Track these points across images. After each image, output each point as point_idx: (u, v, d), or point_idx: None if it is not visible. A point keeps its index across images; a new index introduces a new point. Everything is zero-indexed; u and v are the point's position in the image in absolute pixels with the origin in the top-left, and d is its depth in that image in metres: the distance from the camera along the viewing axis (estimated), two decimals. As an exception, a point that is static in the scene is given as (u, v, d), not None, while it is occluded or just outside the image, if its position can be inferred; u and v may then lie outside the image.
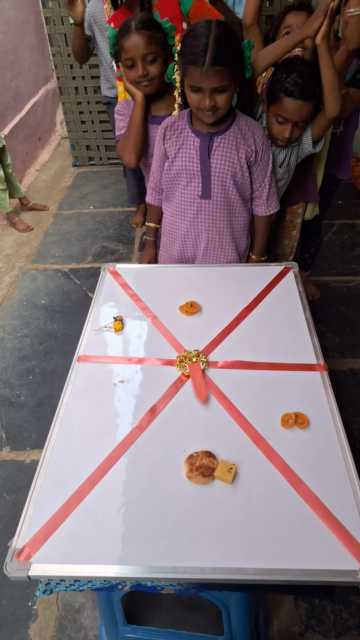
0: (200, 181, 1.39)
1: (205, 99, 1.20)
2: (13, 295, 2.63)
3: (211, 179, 1.38)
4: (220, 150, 1.34)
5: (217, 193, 1.40)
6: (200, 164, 1.36)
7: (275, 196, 1.50)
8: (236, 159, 1.35)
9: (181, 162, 1.39)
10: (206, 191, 1.40)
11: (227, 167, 1.36)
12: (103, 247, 2.99)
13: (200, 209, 1.44)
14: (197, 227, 1.49)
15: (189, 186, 1.42)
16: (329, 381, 1.07)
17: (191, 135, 1.35)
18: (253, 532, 0.81)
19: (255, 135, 1.35)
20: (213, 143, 1.34)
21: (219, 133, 1.33)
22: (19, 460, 1.76)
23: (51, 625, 1.34)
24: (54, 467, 0.93)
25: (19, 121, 3.78)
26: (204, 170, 1.37)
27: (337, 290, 2.48)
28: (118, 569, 0.77)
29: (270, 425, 0.98)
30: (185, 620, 1.32)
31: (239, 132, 1.34)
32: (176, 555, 0.78)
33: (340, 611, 1.34)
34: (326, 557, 0.77)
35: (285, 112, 1.40)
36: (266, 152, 1.39)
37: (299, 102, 1.37)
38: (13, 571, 0.77)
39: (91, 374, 1.13)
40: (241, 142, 1.34)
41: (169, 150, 1.40)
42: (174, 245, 1.57)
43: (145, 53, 1.40)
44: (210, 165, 1.36)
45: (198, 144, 1.35)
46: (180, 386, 1.08)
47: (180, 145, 1.38)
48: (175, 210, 1.50)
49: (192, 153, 1.36)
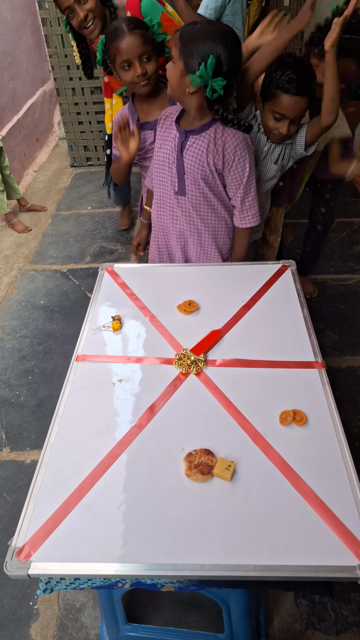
0: (176, 177, 1.41)
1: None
2: (12, 295, 2.63)
3: (185, 176, 1.39)
4: (192, 149, 1.35)
5: (191, 190, 1.41)
6: (176, 160, 1.39)
7: (252, 211, 1.45)
8: (205, 162, 1.35)
9: (163, 154, 1.42)
10: (181, 187, 1.42)
11: (196, 167, 1.37)
12: (101, 247, 2.99)
13: (177, 204, 1.46)
14: (174, 222, 1.51)
15: (167, 180, 1.44)
16: (327, 378, 1.08)
17: (174, 130, 1.38)
18: (252, 529, 0.81)
19: (226, 144, 1.32)
20: (187, 141, 1.35)
21: (194, 132, 1.34)
22: (19, 461, 1.76)
23: (52, 625, 1.34)
24: (53, 466, 0.93)
25: (17, 122, 3.78)
26: (179, 167, 1.39)
27: (335, 288, 2.49)
28: (118, 566, 0.77)
29: (269, 423, 0.98)
30: (186, 618, 1.33)
31: (212, 137, 1.32)
32: (176, 552, 0.79)
33: (341, 608, 1.34)
34: (325, 553, 0.78)
35: (282, 109, 1.40)
36: (239, 162, 1.34)
37: (296, 98, 1.38)
38: (13, 570, 0.77)
39: (90, 374, 1.13)
40: (212, 147, 1.33)
41: (158, 139, 1.44)
42: (159, 237, 1.60)
43: (141, 52, 1.42)
44: (184, 162, 1.37)
45: (177, 139, 1.37)
46: (178, 384, 1.09)
47: (165, 138, 1.41)
48: (158, 203, 1.52)
49: (171, 147, 1.39)
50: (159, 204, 1.52)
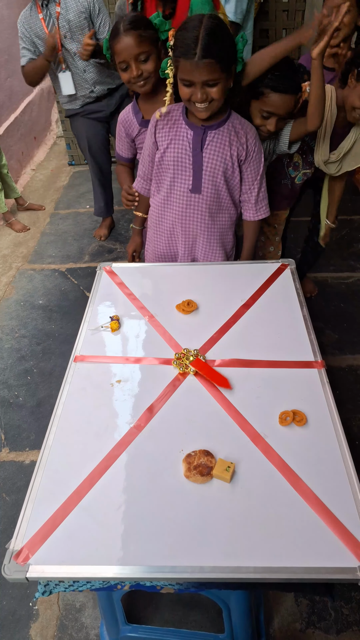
0: (191, 175, 1.39)
1: (197, 92, 1.19)
2: (10, 295, 2.62)
3: (202, 173, 1.37)
4: (213, 144, 1.34)
5: (207, 188, 1.40)
6: (192, 157, 1.36)
7: (265, 201, 1.49)
8: (228, 154, 1.35)
9: (173, 154, 1.38)
10: (196, 185, 1.40)
11: (218, 162, 1.36)
12: (100, 246, 2.98)
13: (189, 203, 1.44)
14: (184, 222, 1.48)
15: (179, 179, 1.41)
16: (327, 378, 1.07)
17: (184, 128, 1.35)
18: (252, 530, 0.81)
19: (248, 135, 1.35)
20: (206, 137, 1.33)
21: (213, 127, 1.33)
22: (18, 461, 1.76)
23: (52, 625, 1.34)
24: (51, 468, 0.92)
25: (14, 120, 3.76)
26: (196, 164, 1.37)
27: (336, 287, 2.48)
28: (117, 569, 0.77)
29: (268, 423, 0.98)
30: (186, 618, 1.32)
31: (232, 130, 1.34)
32: (175, 554, 0.78)
33: (341, 607, 1.34)
34: (325, 555, 0.77)
35: (270, 107, 1.41)
36: (258, 154, 1.38)
37: (284, 95, 1.39)
38: (11, 573, 0.76)
39: (88, 374, 1.13)
40: (234, 139, 1.34)
41: (160, 141, 1.39)
42: (159, 240, 1.57)
43: (136, 53, 1.40)
44: (203, 159, 1.35)
45: (191, 136, 1.34)
46: (177, 385, 1.08)
47: (173, 137, 1.37)
48: (163, 203, 1.48)
49: (184, 145, 1.36)
50: (166, 205, 1.48)
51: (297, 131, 1.52)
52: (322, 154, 1.66)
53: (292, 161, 1.73)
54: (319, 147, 1.65)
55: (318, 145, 1.65)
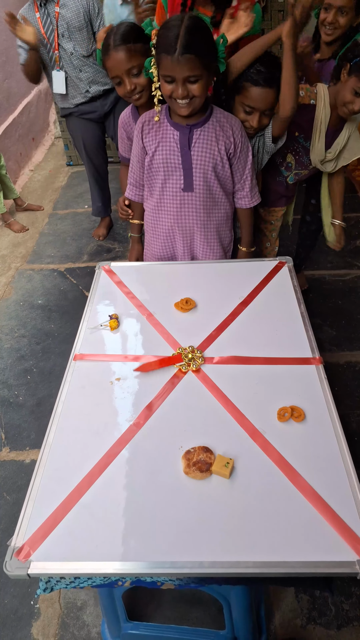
0: (182, 174, 1.39)
1: (179, 88, 1.19)
2: (9, 295, 2.63)
3: (193, 171, 1.38)
4: (200, 141, 1.35)
5: (199, 185, 1.41)
6: (181, 157, 1.37)
7: (256, 188, 1.52)
8: (216, 150, 1.36)
9: (162, 155, 1.38)
10: (188, 183, 1.41)
11: (207, 159, 1.36)
12: (99, 245, 2.99)
13: (183, 202, 1.44)
14: (180, 221, 1.49)
15: (171, 180, 1.42)
16: (325, 374, 1.08)
17: (170, 129, 1.36)
18: (251, 525, 0.81)
19: (234, 128, 1.36)
20: (193, 135, 1.34)
21: (198, 125, 1.33)
22: (18, 460, 1.77)
23: (54, 623, 1.35)
24: (52, 466, 0.93)
25: (12, 122, 3.76)
26: (185, 163, 1.37)
27: (333, 284, 2.49)
28: (117, 565, 0.77)
29: (267, 420, 0.98)
30: (187, 615, 1.33)
31: (217, 124, 1.35)
32: (175, 550, 0.79)
33: (342, 602, 1.35)
34: (324, 549, 0.78)
35: (251, 101, 1.41)
36: (245, 144, 1.40)
37: (265, 89, 1.39)
38: (13, 570, 0.77)
39: (88, 373, 1.13)
40: (220, 133, 1.35)
41: (148, 145, 1.40)
42: (157, 242, 1.57)
43: (128, 68, 1.38)
44: (192, 157, 1.36)
45: (178, 136, 1.35)
46: (176, 382, 1.09)
47: (160, 139, 1.37)
48: (157, 206, 1.49)
49: (172, 146, 1.36)
50: (160, 207, 1.49)
51: (277, 124, 1.51)
52: (318, 153, 1.66)
53: (284, 161, 1.73)
54: (315, 146, 1.65)
55: (313, 145, 1.65)
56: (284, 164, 1.73)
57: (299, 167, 1.72)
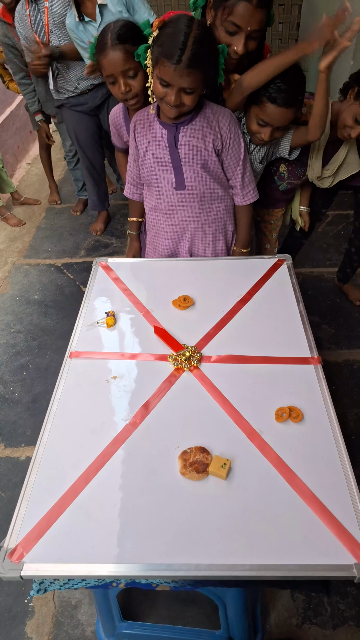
0: (173, 172, 1.38)
1: (172, 95, 1.17)
2: (6, 290, 2.60)
3: (182, 169, 1.36)
4: (186, 139, 1.32)
5: (191, 183, 1.39)
6: (170, 155, 1.35)
7: (252, 185, 1.46)
8: (203, 147, 1.33)
9: (152, 155, 1.37)
10: (180, 182, 1.39)
11: (195, 156, 1.34)
12: (96, 241, 2.96)
13: (177, 200, 1.43)
14: (177, 219, 1.47)
15: (163, 179, 1.40)
16: (323, 374, 1.07)
17: (159, 128, 1.34)
18: (248, 527, 0.80)
19: (220, 123, 1.31)
20: (179, 133, 1.32)
21: (185, 123, 1.31)
22: (13, 457, 1.75)
23: (48, 622, 1.34)
24: (46, 465, 0.91)
25: (10, 114, 3.72)
26: (175, 161, 1.36)
27: (332, 282, 2.47)
28: (112, 567, 0.76)
29: (265, 420, 0.97)
30: (182, 615, 1.32)
31: (204, 121, 1.31)
32: (171, 552, 0.78)
33: (337, 602, 1.35)
34: (321, 552, 0.77)
35: (267, 117, 1.36)
36: (235, 139, 1.34)
37: (282, 109, 1.33)
38: (5, 572, 0.76)
39: (83, 370, 1.11)
40: (207, 130, 1.32)
41: (140, 144, 1.38)
42: (159, 241, 1.56)
43: (124, 69, 1.33)
44: (180, 155, 1.34)
45: (166, 135, 1.33)
46: (173, 381, 1.07)
47: (150, 138, 1.36)
48: (155, 205, 1.48)
49: (161, 145, 1.35)
50: (157, 206, 1.47)
51: (298, 139, 1.49)
52: (315, 170, 1.64)
53: (278, 170, 1.70)
54: (312, 163, 1.63)
55: (311, 161, 1.63)
56: (277, 173, 1.71)
57: (292, 177, 1.69)
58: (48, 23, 2.23)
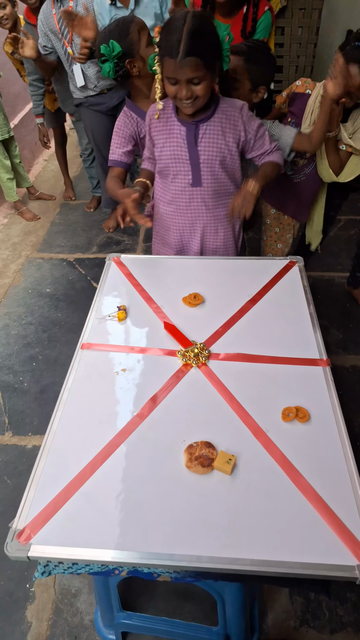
0: (190, 169, 1.39)
1: (182, 89, 1.19)
2: (19, 283, 2.64)
3: (200, 166, 1.38)
4: (207, 137, 1.34)
5: (207, 180, 1.40)
6: (188, 153, 1.37)
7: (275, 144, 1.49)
8: (223, 144, 1.35)
9: (170, 151, 1.39)
10: (196, 179, 1.40)
11: (215, 154, 1.36)
12: (108, 237, 2.99)
13: (192, 197, 1.45)
14: (190, 215, 1.49)
15: (179, 175, 1.42)
16: (332, 376, 1.07)
17: (177, 124, 1.35)
18: (250, 523, 0.81)
19: (242, 113, 1.34)
20: (199, 131, 1.34)
21: (204, 120, 1.33)
22: (20, 445, 1.78)
23: (48, 608, 1.36)
24: (55, 452, 0.93)
25: (29, 111, 3.76)
26: (193, 159, 1.37)
27: (342, 286, 2.47)
28: (116, 553, 0.78)
29: (271, 418, 0.98)
30: (180, 609, 1.33)
31: (223, 116, 1.33)
32: (173, 542, 0.79)
33: (336, 607, 1.34)
34: (323, 552, 0.77)
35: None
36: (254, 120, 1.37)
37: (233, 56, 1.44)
38: (13, 551, 0.78)
39: (94, 362, 1.13)
40: (227, 125, 1.34)
41: (157, 139, 1.40)
42: (169, 234, 1.57)
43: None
44: (199, 152, 1.36)
45: (184, 132, 1.35)
46: (181, 376, 1.08)
47: (168, 134, 1.38)
48: (169, 200, 1.49)
49: (179, 142, 1.36)
50: (172, 201, 1.49)
51: (299, 143, 1.58)
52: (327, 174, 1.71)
53: None
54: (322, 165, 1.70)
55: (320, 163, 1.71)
56: None
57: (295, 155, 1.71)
58: None
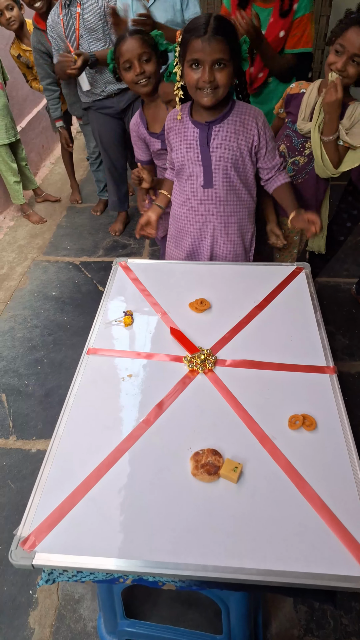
0: (202, 171, 1.40)
1: (205, 73, 1.19)
2: (25, 285, 2.65)
3: (212, 168, 1.38)
4: (219, 138, 1.35)
5: (219, 182, 1.41)
6: (200, 154, 1.37)
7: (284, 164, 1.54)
8: (235, 146, 1.36)
9: (183, 152, 1.41)
10: (208, 180, 1.41)
11: (227, 156, 1.36)
12: (114, 241, 2.99)
13: (203, 198, 1.45)
14: (201, 217, 1.49)
15: (192, 176, 1.43)
16: (338, 384, 1.06)
17: (191, 126, 1.37)
18: (256, 532, 0.80)
19: (257, 120, 1.35)
20: (212, 132, 1.35)
21: (217, 122, 1.33)
22: (24, 449, 1.78)
23: (51, 614, 1.35)
24: (61, 457, 0.93)
25: (36, 114, 3.79)
26: (205, 160, 1.38)
27: (348, 292, 2.46)
28: (121, 562, 0.77)
29: (277, 426, 0.97)
30: (183, 616, 1.32)
31: (237, 120, 1.34)
32: (179, 551, 0.78)
33: (341, 617, 1.33)
34: (329, 561, 0.76)
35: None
36: (269, 131, 1.39)
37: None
38: (18, 559, 0.77)
39: (100, 367, 1.13)
40: (240, 130, 1.34)
41: (173, 141, 1.43)
42: (182, 237, 1.58)
43: (139, 53, 1.53)
44: (210, 154, 1.36)
45: (197, 134, 1.36)
46: (187, 382, 1.08)
47: (182, 137, 1.40)
48: (183, 201, 1.51)
49: (192, 143, 1.38)
50: (184, 203, 1.50)
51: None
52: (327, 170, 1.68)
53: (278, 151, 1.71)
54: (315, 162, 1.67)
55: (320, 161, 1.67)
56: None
57: (292, 153, 1.70)
58: (79, 28, 2.29)
